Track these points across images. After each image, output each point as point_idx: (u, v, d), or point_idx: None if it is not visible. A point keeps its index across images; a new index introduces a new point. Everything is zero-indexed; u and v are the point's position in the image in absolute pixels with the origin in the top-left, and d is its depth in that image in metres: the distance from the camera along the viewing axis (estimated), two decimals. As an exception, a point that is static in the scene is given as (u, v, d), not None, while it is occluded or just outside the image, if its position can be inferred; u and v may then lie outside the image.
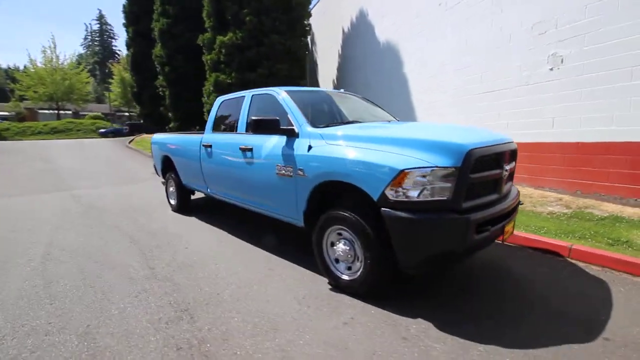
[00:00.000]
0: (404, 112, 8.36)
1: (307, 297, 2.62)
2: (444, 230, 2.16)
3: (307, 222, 2.98)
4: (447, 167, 2.14)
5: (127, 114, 47.56)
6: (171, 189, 5.61)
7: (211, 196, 4.57)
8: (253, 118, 3.04)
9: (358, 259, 2.54)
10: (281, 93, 3.36)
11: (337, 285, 2.69)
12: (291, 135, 3.00)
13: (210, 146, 4.14)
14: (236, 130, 3.81)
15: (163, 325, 2.29)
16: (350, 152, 2.47)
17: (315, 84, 13.77)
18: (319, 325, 2.24)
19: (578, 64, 4.70)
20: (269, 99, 3.48)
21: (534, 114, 5.32)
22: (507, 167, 2.57)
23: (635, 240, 3.32)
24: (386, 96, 8.96)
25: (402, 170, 2.17)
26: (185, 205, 5.49)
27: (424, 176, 2.15)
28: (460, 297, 2.57)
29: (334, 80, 12.94)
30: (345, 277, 2.63)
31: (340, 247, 2.62)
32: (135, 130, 31.99)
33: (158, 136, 6.09)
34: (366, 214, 2.42)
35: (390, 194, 2.22)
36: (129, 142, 22.50)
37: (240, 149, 3.56)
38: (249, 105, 3.71)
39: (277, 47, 10.32)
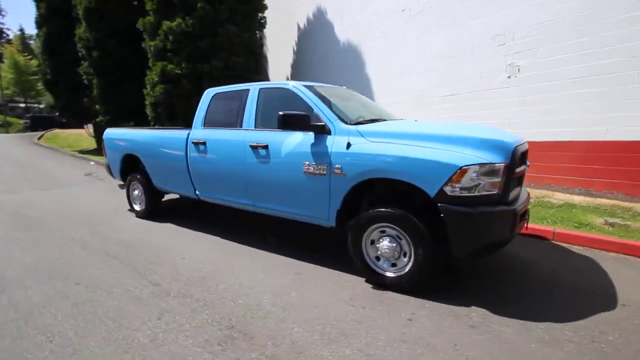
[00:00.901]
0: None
1: (354, 298, 2.56)
2: (497, 222, 2.32)
3: (339, 221, 2.91)
4: (498, 163, 2.30)
5: (23, 104, 39.97)
6: (136, 192, 4.92)
7: (199, 199, 4.14)
8: (282, 113, 2.84)
9: (405, 255, 2.57)
10: (301, 87, 3.19)
11: (380, 283, 2.68)
12: (321, 132, 2.88)
13: (204, 143, 3.75)
14: (240, 126, 3.51)
15: (217, 347, 2.01)
16: (401, 150, 2.47)
17: (266, 79, 13.38)
18: (386, 324, 2.21)
19: (532, 74, 5.43)
20: (285, 93, 3.28)
21: (493, 116, 5.99)
22: (528, 164, 2.86)
23: (593, 222, 4.00)
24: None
25: (461, 167, 2.26)
26: (155, 210, 4.88)
27: (479, 172, 2.27)
28: (489, 284, 2.77)
29: (287, 77, 12.74)
30: (390, 274, 2.64)
31: (385, 244, 2.62)
32: (39, 124, 27.22)
33: (115, 131, 5.29)
34: (418, 210, 2.47)
35: (448, 189, 2.30)
36: (38, 139, 19.10)
37: (251, 146, 3.30)
38: (257, 100, 3.45)
39: (234, 39, 9.73)
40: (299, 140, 3.01)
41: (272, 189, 3.24)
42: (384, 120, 3.21)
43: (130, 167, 5.20)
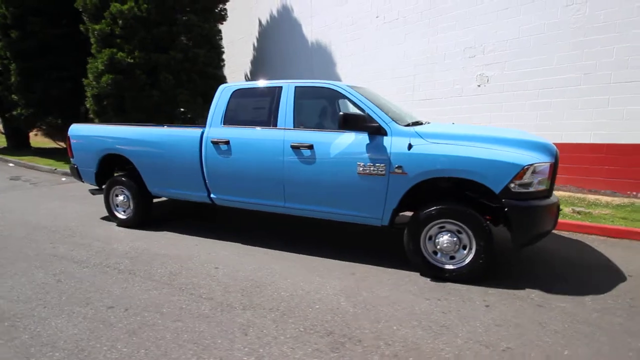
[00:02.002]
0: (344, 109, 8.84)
1: (423, 292, 2.67)
2: (549, 213, 2.66)
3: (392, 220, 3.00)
4: (548, 163, 2.65)
5: None
6: (120, 197, 4.31)
7: (212, 204, 3.82)
8: (343, 113, 2.82)
9: (465, 248, 2.78)
10: (347, 88, 3.18)
11: (438, 276, 2.84)
12: (376, 132, 2.93)
13: (227, 142, 3.47)
14: (275, 125, 3.34)
15: (334, 355, 1.94)
16: (466, 151, 2.67)
17: (223, 74, 12.68)
18: (470, 312, 2.38)
19: (499, 84, 6.21)
20: (328, 93, 3.26)
21: (466, 121, 6.67)
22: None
23: (563, 211, 4.77)
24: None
25: (524, 166, 2.55)
26: (146, 218, 4.34)
27: (535, 170, 2.59)
28: (521, 270, 3.14)
29: (246, 74, 12.27)
30: (449, 267, 2.82)
31: (445, 239, 2.79)
32: None
33: (88, 128, 4.56)
34: (480, 206, 2.69)
35: (511, 186, 2.56)
36: None
37: (292, 146, 3.18)
38: (294, 99, 3.32)
39: (195, 30, 9.01)
40: (351, 141, 3.01)
41: (317, 190, 3.17)
42: (426, 122, 3.39)
43: (110, 169, 4.54)
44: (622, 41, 4.95)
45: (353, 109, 3.37)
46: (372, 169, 2.91)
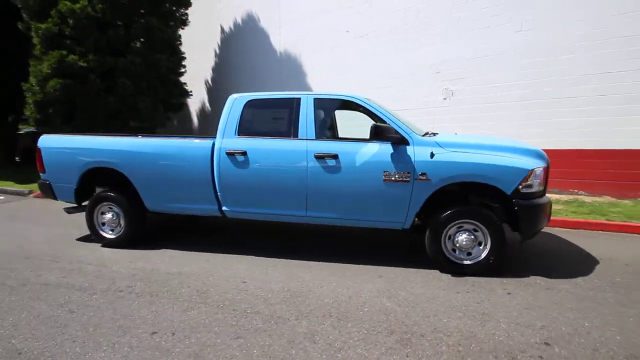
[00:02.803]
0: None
1: (451, 286, 2.94)
2: (547, 210, 3.13)
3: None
4: (545, 167, 3.13)
5: None
6: (108, 215, 3.95)
7: (222, 216, 3.71)
8: (375, 125, 3.00)
9: (480, 245, 3.12)
10: (367, 100, 3.38)
11: (458, 271, 3.14)
12: (400, 142, 3.16)
13: (244, 154, 3.43)
14: (295, 136, 3.39)
15: (409, 350, 2.08)
16: (481, 158, 3.02)
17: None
18: (500, 301, 2.68)
19: (463, 97, 6.96)
20: (349, 105, 3.41)
21: (436, 129, 7.31)
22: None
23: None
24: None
25: (529, 170, 2.98)
26: (140, 235, 4.03)
27: (536, 174, 3.04)
28: (518, 262, 3.56)
29: (207, 81, 11.84)
30: (467, 262, 3.14)
31: (464, 237, 3.10)
32: None
33: (64, 139, 4.12)
34: (493, 206, 3.06)
35: (520, 188, 2.98)
36: None
37: (317, 156, 3.27)
38: (314, 110, 3.42)
39: (156, 34, 8.49)
40: (375, 151, 3.20)
41: (341, 198, 3.29)
42: (432, 132, 3.71)
43: (93, 185, 4.12)
44: (560, 63, 5.95)
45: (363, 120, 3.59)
46: (397, 176, 3.13)
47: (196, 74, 11.53)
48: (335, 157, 3.25)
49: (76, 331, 2.31)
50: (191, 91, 10.67)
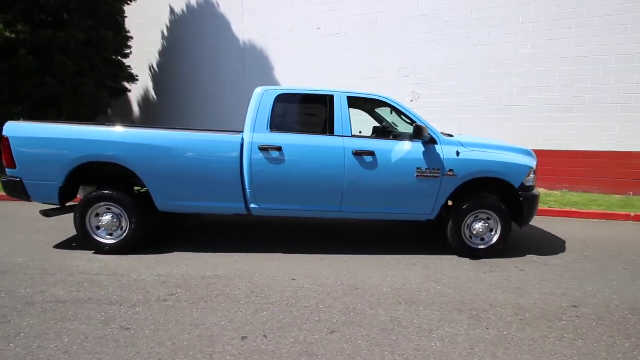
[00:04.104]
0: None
1: (476, 268, 3.37)
2: (539, 201, 3.78)
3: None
4: (536, 164, 3.77)
5: None
6: (106, 217, 3.46)
7: (248, 214, 3.56)
8: (417, 124, 3.23)
9: (492, 231, 3.63)
10: (398, 101, 3.60)
11: (474, 255, 3.61)
12: (430, 142, 3.47)
13: (279, 149, 3.35)
14: (331, 133, 3.44)
15: (484, 324, 2.39)
16: (497, 156, 3.51)
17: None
18: (520, 277, 3.20)
19: (429, 100, 7.68)
20: (378, 104, 3.58)
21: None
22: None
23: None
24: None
25: (531, 167, 3.57)
26: (147, 238, 3.63)
27: (534, 170, 3.66)
28: (512, 245, 4.20)
29: (151, 65, 10.65)
30: (482, 247, 3.62)
31: (480, 225, 3.57)
32: None
33: (50, 128, 3.44)
34: (504, 197, 3.59)
35: (524, 182, 3.56)
36: None
37: (354, 153, 3.38)
38: (348, 107, 3.50)
39: (102, 7, 7.34)
40: (409, 148, 3.45)
41: (377, 192, 3.47)
42: (451, 134, 4.09)
43: (75, 183, 3.54)
44: (510, 76, 7.04)
45: (390, 119, 3.83)
46: (428, 172, 3.44)
47: (140, 57, 10.29)
48: (372, 154, 3.41)
49: (151, 348, 2.06)
50: (137, 75, 9.53)
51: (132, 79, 9.18)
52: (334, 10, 8.20)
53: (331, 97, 3.53)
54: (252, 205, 3.50)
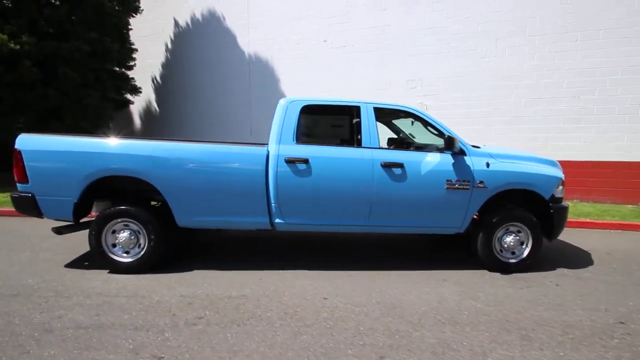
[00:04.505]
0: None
1: (510, 284, 3.25)
2: (568, 213, 3.72)
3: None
4: (563, 176, 3.72)
5: None
6: (124, 234, 3.28)
7: (272, 229, 3.42)
8: (449, 135, 3.16)
9: (523, 244, 3.54)
10: (425, 112, 3.55)
11: (505, 269, 3.50)
12: (460, 153, 3.40)
13: (306, 161, 3.24)
14: (359, 144, 3.35)
15: (534, 345, 2.26)
16: (527, 168, 3.45)
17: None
18: (557, 292, 3.08)
19: (436, 112, 7.64)
20: (404, 115, 3.52)
21: (407, 139, 7.91)
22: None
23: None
24: (261, 108, 9.06)
25: (561, 178, 3.52)
26: (166, 255, 3.46)
27: (563, 181, 3.61)
28: (547, 258, 4.06)
29: (154, 77, 10.54)
30: (512, 261, 3.51)
31: (510, 238, 3.48)
32: None
33: (66, 141, 3.29)
34: (534, 209, 3.52)
35: (554, 193, 3.49)
36: None
37: (383, 165, 3.29)
38: (375, 119, 3.42)
39: (108, 18, 7.27)
40: (438, 160, 3.37)
41: (406, 205, 3.36)
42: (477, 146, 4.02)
43: (91, 198, 3.38)
44: (518, 87, 7.10)
45: (411, 131, 3.77)
46: (459, 184, 3.35)
47: (142, 69, 10.19)
48: (401, 166, 3.32)
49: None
50: (140, 88, 9.42)
51: (136, 91, 9.06)
52: (341, 23, 8.25)
53: (357, 108, 3.46)
54: (277, 220, 3.36)
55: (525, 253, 3.53)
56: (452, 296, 2.98)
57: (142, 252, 3.29)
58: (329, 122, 3.62)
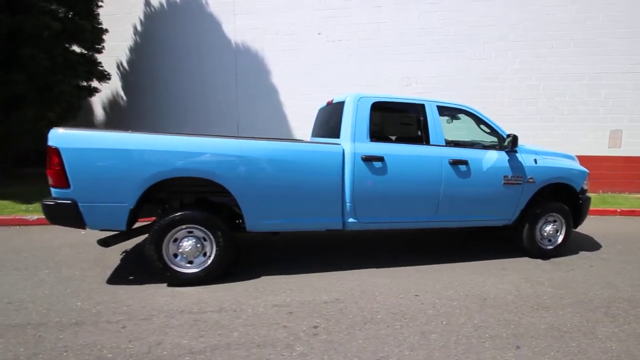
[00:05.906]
0: (276, 120, 8.60)
1: (557, 269, 3.61)
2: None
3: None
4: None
5: None
6: (188, 243, 2.95)
7: (342, 229, 3.34)
8: (514, 135, 3.36)
9: (557, 232, 3.94)
10: (480, 110, 3.71)
11: (544, 256, 3.87)
12: (512, 151, 3.64)
13: (381, 159, 3.22)
14: (427, 142, 3.41)
15: (620, 320, 2.57)
16: (564, 164, 3.85)
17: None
18: (597, 272, 3.51)
19: (429, 109, 8.06)
20: (463, 113, 3.67)
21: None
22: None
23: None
24: (250, 102, 8.63)
25: (588, 172, 3.98)
26: (233, 264, 3.20)
27: (588, 175, 4.09)
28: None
29: (121, 64, 9.35)
30: (549, 247, 3.90)
31: (550, 227, 3.86)
32: None
33: (120, 137, 2.81)
34: (566, 201, 3.93)
35: (583, 186, 3.94)
36: None
37: (451, 162, 3.41)
38: (439, 116, 3.51)
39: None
40: (496, 157, 3.59)
41: (469, 200, 3.53)
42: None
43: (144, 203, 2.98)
44: (503, 88, 7.76)
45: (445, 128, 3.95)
46: (513, 179, 3.61)
47: (107, 53, 8.98)
48: (465, 163, 3.47)
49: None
50: (109, 74, 8.32)
51: (104, 77, 7.98)
52: (336, 17, 8.17)
53: (422, 106, 3.52)
54: (350, 220, 3.29)
55: (560, 240, 3.94)
56: (522, 283, 3.22)
57: (210, 261, 2.99)
58: (398, 120, 3.62)
